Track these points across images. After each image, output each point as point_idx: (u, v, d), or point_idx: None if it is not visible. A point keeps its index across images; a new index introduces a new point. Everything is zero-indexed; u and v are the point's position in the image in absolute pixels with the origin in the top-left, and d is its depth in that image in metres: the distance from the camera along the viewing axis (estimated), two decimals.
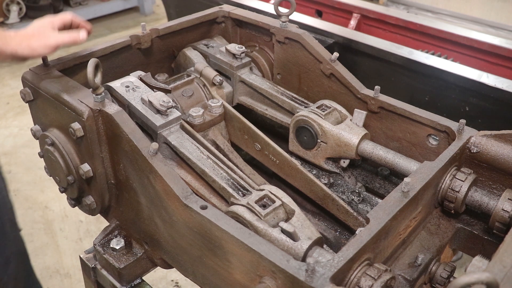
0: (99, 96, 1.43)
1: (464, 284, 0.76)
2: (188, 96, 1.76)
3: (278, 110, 1.83)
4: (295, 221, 1.27)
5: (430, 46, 3.26)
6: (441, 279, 1.36)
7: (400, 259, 1.35)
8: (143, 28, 1.86)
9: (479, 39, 3.06)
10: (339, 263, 1.04)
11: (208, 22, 2.08)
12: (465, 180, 1.38)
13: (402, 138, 1.65)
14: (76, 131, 1.42)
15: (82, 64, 1.70)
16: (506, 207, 1.33)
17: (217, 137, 1.73)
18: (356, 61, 2.70)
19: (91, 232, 3.54)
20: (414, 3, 6.39)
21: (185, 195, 1.25)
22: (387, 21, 3.42)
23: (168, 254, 1.46)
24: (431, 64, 2.45)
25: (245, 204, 1.28)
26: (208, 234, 1.21)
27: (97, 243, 1.65)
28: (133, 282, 1.64)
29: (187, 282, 3.13)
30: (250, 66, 1.92)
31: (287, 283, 1.04)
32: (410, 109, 1.58)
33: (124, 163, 1.45)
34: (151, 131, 1.53)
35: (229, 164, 1.48)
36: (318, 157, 1.68)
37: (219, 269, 1.25)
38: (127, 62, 1.87)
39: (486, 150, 1.43)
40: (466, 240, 1.52)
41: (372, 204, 1.59)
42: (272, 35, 1.95)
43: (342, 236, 1.61)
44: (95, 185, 1.54)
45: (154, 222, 1.44)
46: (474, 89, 2.33)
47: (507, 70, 2.93)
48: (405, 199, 1.23)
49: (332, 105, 1.68)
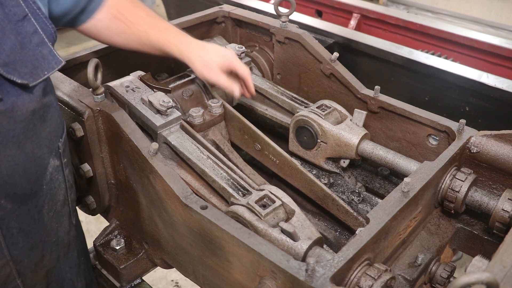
0: (99, 96, 1.44)
1: (464, 284, 0.76)
2: (188, 96, 1.76)
3: (278, 110, 1.83)
4: (295, 221, 1.27)
5: (430, 46, 3.26)
6: (441, 279, 1.36)
7: (400, 259, 1.35)
8: None
9: (479, 39, 3.06)
10: (339, 263, 1.04)
11: (208, 22, 2.08)
12: (465, 180, 1.38)
13: (402, 138, 1.65)
14: (76, 131, 1.42)
15: (82, 64, 1.71)
16: (506, 207, 1.33)
17: (217, 137, 1.73)
18: (356, 61, 2.70)
19: (91, 232, 3.53)
20: (414, 3, 6.39)
21: (185, 195, 1.25)
22: (387, 21, 3.42)
23: (168, 254, 1.46)
24: (431, 64, 2.45)
25: (245, 204, 1.28)
26: (208, 234, 1.21)
27: (97, 243, 1.65)
28: (133, 282, 1.64)
29: (187, 282, 3.13)
30: (250, 66, 1.92)
31: (287, 283, 1.04)
32: (410, 109, 1.58)
33: (124, 163, 1.45)
34: (151, 131, 1.53)
35: (229, 164, 1.48)
36: (318, 157, 1.68)
37: (219, 269, 1.25)
38: (127, 62, 1.87)
39: (486, 150, 1.43)
40: (466, 240, 1.52)
41: (372, 204, 1.59)
42: (272, 35, 1.95)
43: (342, 236, 1.61)
44: (95, 185, 1.54)
45: (154, 222, 1.44)
46: (474, 89, 2.33)
47: (507, 70, 2.94)
48: (405, 199, 1.23)
49: (332, 105, 1.68)
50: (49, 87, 1.26)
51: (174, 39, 1.55)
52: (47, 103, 1.23)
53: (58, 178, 1.33)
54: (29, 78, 1.11)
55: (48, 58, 1.17)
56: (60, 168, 1.33)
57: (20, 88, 1.11)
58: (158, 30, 1.54)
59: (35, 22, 1.14)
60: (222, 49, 1.63)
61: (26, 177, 1.21)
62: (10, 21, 1.08)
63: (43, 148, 1.24)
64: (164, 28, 1.56)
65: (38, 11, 1.15)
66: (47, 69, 1.16)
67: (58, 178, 1.33)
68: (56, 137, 1.31)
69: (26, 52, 1.11)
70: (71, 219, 1.46)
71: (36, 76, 1.13)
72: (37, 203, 1.27)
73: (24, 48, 1.11)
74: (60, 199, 1.36)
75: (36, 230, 1.29)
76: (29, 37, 1.12)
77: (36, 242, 1.31)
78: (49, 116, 1.25)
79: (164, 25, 1.57)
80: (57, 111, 1.31)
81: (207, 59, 1.56)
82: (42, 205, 1.29)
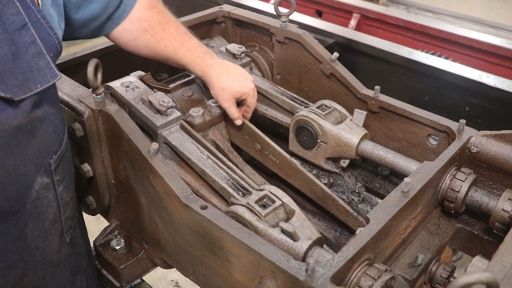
0: (99, 96, 1.44)
1: (464, 284, 0.76)
2: (188, 96, 1.76)
3: (278, 110, 1.83)
4: (295, 221, 1.27)
5: (430, 46, 3.26)
6: (441, 279, 1.36)
7: (400, 259, 1.35)
8: None
9: (479, 39, 3.06)
10: (339, 263, 1.04)
11: (208, 22, 2.08)
12: (465, 180, 1.38)
13: (402, 138, 1.65)
14: (76, 131, 1.42)
15: (82, 64, 1.71)
16: (506, 207, 1.33)
17: (217, 137, 1.73)
18: (356, 61, 2.70)
19: (91, 232, 3.50)
20: (414, 3, 6.39)
21: (185, 195, 1.25)
22: (387, 21, 3.42)
23: (168, 254, 1.46)
24: (431, 64, 2.45)
25: (245, 204, 1.28)
26: (208, 234, 1.21)
27: (97, 243, 1.65)
28: (133, 282, 1.64)
29: (187, 282, 3.13)
30: (250, 66, 1.92)
31: (287, 283, 1.04)
32: (410, 109, 1.58)
33: (124, 163, 1.45)
34: (151, 131, 1.53)
35: (229, 164, 1.47)
36: (318, 157, 1.68)
37: (219, 269, 1.25)
38: (127, 62, 1.86)
39: (486, 150, 1.43)
40: (466, 240, 1.52)
41: (372, 204, 1.59)
42: (272, 35, 1.95)
43: (342, 236, 1.61)
44: (95, 185, 1.54)
45: (154, 222, 1.44)
46: (474, 89, 2.33)
47: (507, 70, 2.93)
48: (405, 199, 1.23)
49: (332, 105, 1.68)
50: (48, 100, 1.17)
51: (199, 59, 1.59)
52: (38, 117, 1.13)
53: (47, 196, 1.23)
54: (18, 91, 1.03)
55: (44, 70, 1.09)
56: (50, 186, 1.23)
57: (5, 102, 1.02)
58: (185, 48, 1.57)
59: (34, 32, 1.07)
60: (244, 78, 1.67)
61: (4, 195, 1.11)
62: (5, 29, 1.02)
63: (29, 165, 1.14)
64: (192, 47, 1.58)
65: (42, 20, 1.08)
66: (40, 82, 1.08)
67: (48, 196, 1.23)
68: (48, 154, 1.20)
69: (20, 63, 1.04)
70: (63, 237, 1.35)
71: (26, 89, 1.05)
72: (18, 222, 1.18)
73: (17, 59, 1.04)
74: (49, 218, 1.26)
75: (16, 249, 1.21)
76: (26, 47, 1.05)
77: (15, 262, 1.22)
78: (40, 131, 1.15)
79: (192, 43, 1.59)
80: (53, 125, 1.20)
81: (227, 87, 1.62)
82: (24, 224, 1.20)
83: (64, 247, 1.37)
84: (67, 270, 1.41)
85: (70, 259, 1.42)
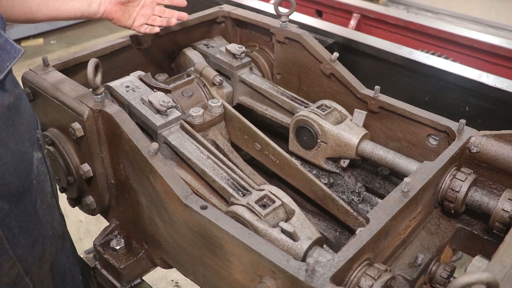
0: (99, 96, 1.44)
1: (464, 284, 0.76)
2: (188, 96, 1.76)
3: (278, 110, 1.83)
4: (295, 221, 1.27)
5: (430, 46, 3.26)
6: (441, 279, 1.36)
7: (400, 259, 1.35)
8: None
9: (479, 39, 3.06)
10: (339, 263, 1.04)
11: (208, 22, 2.08)
12: (465, 180, 1.38)
13: (402, 138, 1.65)
14: (76, 131, 1.42)
15: (82, 64, 1.71)
16: (506, 207, 1.33)
17: (217, 137, 1.73)
18: (356, 61, 2.70)
19: (91, 232, 3.53)
20: (414, 3, 6.40)
21: (185, 195, 1.25)
22: (387, 21, 3.42)
23: (168, 254, 1.47)
24: (431, 64, 2.45)
25: (245, 204, 1.28)
26: (208, 234, 1.21)
27: (97, 243, 1.65)
28: (133, 282, 1.64)
29: (187, 282, 3.13)
30: (250, 66, 1.92)
31: (287, 283, 1.04)
32: (410, 109, 1.58)
33: (124, 163, 1.45)
34: (151, 131, 1.53)
35: (229, 164, 1.48)
36: (318, 157, 1.68)
37: (219, 269, 1.25)
38: (127, 62, 1.87)
39: (486, 150, 1.43)
40: (466, 240, 1.52)
41: (372, 204, 1.59)
42: (272, 35, 1.95)
43: (342, 236, 1.62)
44: (95, 185, 1.54)
45: (154, 222, 1.44)
46: (474, 89, 2.33)
47: (507, 70, 2.93)
48: (405, 199, 1.23)
49: (332, 105, 1.68)
50: (15, 79, 1.23)
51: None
52: (18, 95, 1.20)
53: (43, 170, 1.31)
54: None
55: (6, 47, 1.12)
56: (43, 160, 1.31)
57: None
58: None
59: None
60: None
61: (16, 174, 1.19)
62: None
63: (25, 142, 1.22)
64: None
65: None
66: (8, 60, 1.12)
67: (44, 170, 1.32)
68: (34, 129, 1.28)
69: None
70: (60, 209, 1.46)
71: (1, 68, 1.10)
72: (31, 198, 1.26)
73: None
74: (48, 191, 1.35)
75: (35, 225, 1.29)
76: None
77: (36, 238, 1.31)
78: (23, 108, 1.22)
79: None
80: (27, 102, 1.27)
81: None
82: (35, 200, 1.28)
83: (62, 218, 1.47)
84: (68, 241, 1.51)
85: (66, 229, 1.53)
